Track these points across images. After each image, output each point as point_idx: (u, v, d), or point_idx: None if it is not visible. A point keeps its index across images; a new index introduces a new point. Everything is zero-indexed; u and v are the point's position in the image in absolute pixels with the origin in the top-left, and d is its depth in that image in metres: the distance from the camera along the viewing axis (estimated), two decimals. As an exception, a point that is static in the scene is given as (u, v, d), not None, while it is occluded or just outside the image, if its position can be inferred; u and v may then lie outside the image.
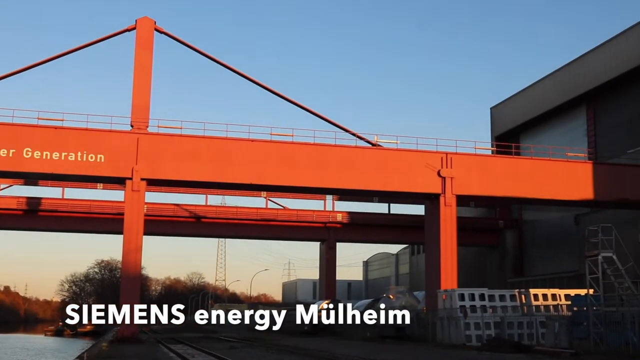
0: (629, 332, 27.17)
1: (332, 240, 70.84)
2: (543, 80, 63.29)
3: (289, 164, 42.65)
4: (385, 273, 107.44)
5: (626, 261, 33.57)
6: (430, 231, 45.70)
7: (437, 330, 40.40)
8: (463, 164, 44.78)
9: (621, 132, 54.39)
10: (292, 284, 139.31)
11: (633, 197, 45.55)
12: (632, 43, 51.88)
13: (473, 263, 71.60)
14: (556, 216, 61.35)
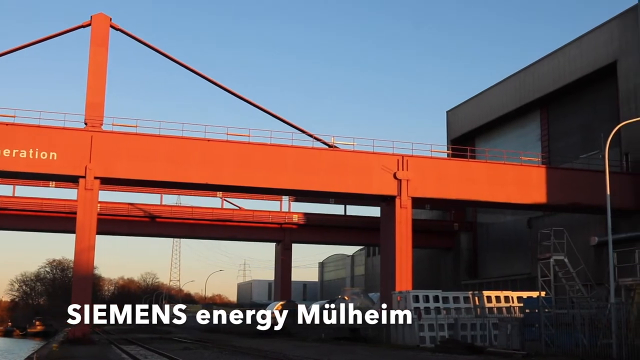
0: (579, 334, 27.58)
1: (288, 241, 70.74)
2: (498, 84, 64.07)
3: (245, 164, 42.45)
4: (340, 274, 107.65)
5: (577, 264, 34.15)
6: (386, 233, 45.90)
7: (392, 332, 40.57)
8: (419, 166, 45.07)
9: (574, 137, 55.32)
10: (247, 285, 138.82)
11: (585, 202, 46.30)
12: (585, 50, 52.80)
13: (428, 265, 72.15)
14: (510, 219, 62.15)
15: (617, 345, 25.62)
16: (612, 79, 50.49)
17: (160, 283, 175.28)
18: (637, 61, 47.38)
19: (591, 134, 52.37)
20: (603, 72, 51.31)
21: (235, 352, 32.92)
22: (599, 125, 51.10)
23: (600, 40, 51.50)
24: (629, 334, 25.82)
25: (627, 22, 48.85)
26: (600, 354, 26.09)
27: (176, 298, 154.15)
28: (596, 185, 41.40)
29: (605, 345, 26.33)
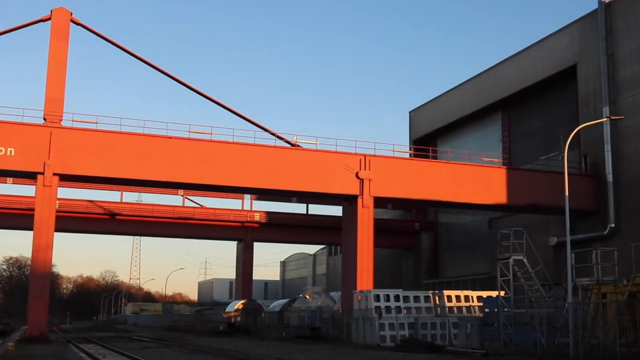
0: (537, 333, 27.86)
1: (250, 239, 70.53)
2: (461, 85, 64.57)
3: (207, 162, 42.16)
4: (302, 273, 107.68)
5: (536, 264, 34.50)
6: (348, 232, 45.95)
7: (352, 331, 40.63)
8: (381, 166, 45.18)
9: (535, 138, 55.97)
10: (208, 284, 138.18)
11: (544, 202, 46.85)
12: (547, 53, 53.44)
13: (389, 264, 72.45)
14: (471, 219, 62.66)
15: (574, 345, 25.94)
16: (572, 81, 51.18)
17: (120, 281, 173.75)
18: (596, 64, 48.07)
19: (551, 136, 53.04)
20: (563, 74, 52.00)
21: (195, 351, 32.69)
22: (559, 127, 51.79)
23: (561, 43, 52.17)
24: (585, 333, 26.15)
25: (587, 26, 49.54)
26: (557, 352, 26.39)
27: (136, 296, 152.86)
28: (555, 187, 41.93)
29: (563, 344, 26.64)
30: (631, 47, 45.88)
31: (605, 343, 25.07)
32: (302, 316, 51.76)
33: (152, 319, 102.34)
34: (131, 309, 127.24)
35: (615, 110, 46.07)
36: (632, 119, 44.82)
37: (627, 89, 45.88)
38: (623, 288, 28.18)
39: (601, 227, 46.58)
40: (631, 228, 42.36)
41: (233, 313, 65.30)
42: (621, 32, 46.83)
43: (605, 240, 44.72)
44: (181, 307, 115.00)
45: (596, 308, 27.07)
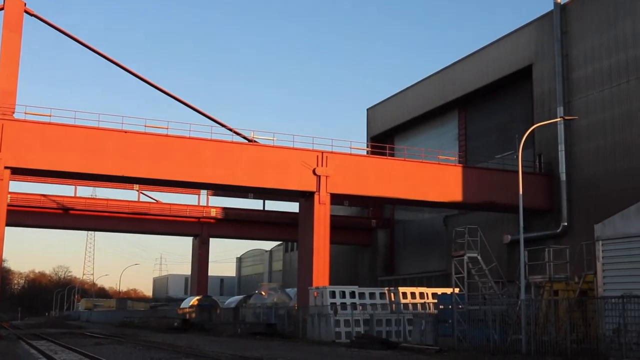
0: (490, 330, 28.16)
1: (206, 235, 70.12)
2: (418, 84, 64.92)
3: (162, 157, 41.69)
4: (258, 269, 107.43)
5: (490, 261, 34.83)
6: (304, 229, 45.91)
7: (308, 327, 40.63)
8: (338, 163, 45.21)
9: (491, 137, 56.56)
10: (164, 279, 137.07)
11: (499, 200, 47.35)
12: (503, 53, 54.01)
13: (345, 261, 72.64)
14: (427, 217, 63.10)
15: (526, 341, 26.29)
16: (527, 81, 51.82)
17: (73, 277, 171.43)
18: (551, 65, 48.72)
19: (507, 135, 53.66)
20: (519, 74, 52.61)
21: (149, 348, 32.31)
22: (515, 127, 52.45)
23: (517, 43, 52.77)
24: (537, 330, 26.52)
25: (543, 27, 50.18)
26: (510, 349, 26.70)
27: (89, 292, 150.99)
28: (510, 185, 42.43)
29: (515, 340, 26.98)
30: (585, 49, 46.60)
31: (556, 339, 25.45)
32: (258, 312, 51.63)
33: (106, 315, 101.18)
34: (84, 305, 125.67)
35: (569, 110, 46.78)
36: (586, 120, 45.55)
37: (581, 90, 46.59)
38: (574, 285, 28.62)
39: (554, 225, 47.28)
40: (583, 226, 43.03)
41: (188, 309, 64.91)
42: (576, 33, 47.54)
43: (558, 238, 45.42)
44: (135, 303, 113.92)
45: (548, 305, 27.44)
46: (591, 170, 45.50)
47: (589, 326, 25.15)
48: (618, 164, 43.53)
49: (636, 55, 42.78)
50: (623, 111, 43.41)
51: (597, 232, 24.96)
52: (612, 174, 43.90)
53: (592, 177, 45.39)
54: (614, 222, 24.48)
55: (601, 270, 24.54)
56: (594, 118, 45.42)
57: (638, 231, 23.35)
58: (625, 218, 24.02)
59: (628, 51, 43.34)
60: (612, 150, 44.01)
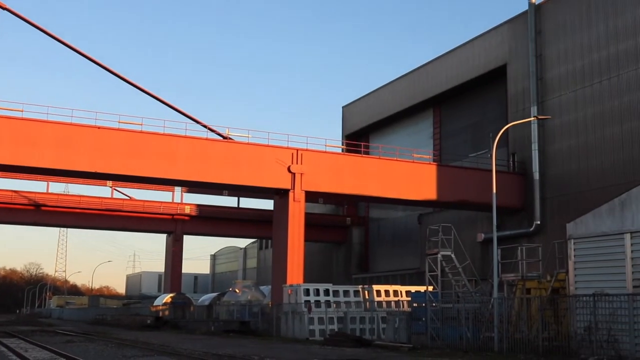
0: (463, 328, 28.30)
1: (180, 232, 69.79)
2: (393, 82, 65.06)
3: (136, 154, 41.35)
4: (232, 267, 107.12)
5: (464, 260, 35.04)
6: (279, 226, 45.83)
7: (282, 325, 40.61)
8: (313, 160, 45.17)
9: (465, 136, 56.85)
10: (137, 277, 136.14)
11: (473, 199, 47.59)
12: (478, 52, 54.28)
13: (320, 259, 72.68)
14: (401, 215, 63.28)
15: (499, 339, 26.46)
16: (502, 81, 52.12)
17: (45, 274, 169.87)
18: (525, 65, 49.03)
19: (481, 134, 53.96)
20: (493, 74, 52.89)
21: (121, 345, 32.08)
22: (489, 126, 52.74)
23: (491, 43, 53.06)
24: (509, 328, 26.70)
25: (517, 27, 50.49)
26: (482, 347, 26.86)
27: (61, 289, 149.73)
28: (484, 184, 42.61)
29: (488, 338, 27.14)
30: (559, 49, 46.96)
31: (528, 337, 25.64)
32: (232, 310, 51.54)
33: (78, 313, 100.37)
34: (56, 302, 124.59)
35: (543, 110, 47.12)
36: (559, 119, 45.92)
37: (554, 90, 46.96)
38: (546, 284, 28.86)
39: (527, 224, 47.62)
40: (555, 225, 43.39)
41: (161, 307, 64.59)
42: (550, 34, 47.89)
43: (531, 236, 45.75)
44: (108, 300, 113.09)
45: (520, 303, 27.64)
46: (564, 169, 45.88)
47: (560, 324, 25.37)
48: (590, 163, 43.94)
49: (609, 56, 43.20)
50: (595, 111, 43.82)
51: (569, 231, 25.16)
52: (584, 173, 44.30)
53: (564, 176, 45.77)
54: (586, 221, 24.68)
55: (573, 268, 24.75)
56: (567, 118, 45.81)
57: (609, 230, 23.57)
58: (597, 217, 24.23)
59: (601, 52, 43.75)
60: (585, 149, 44.41)
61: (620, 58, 42.43)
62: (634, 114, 41.28)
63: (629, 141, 41.41)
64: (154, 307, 66.48)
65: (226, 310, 52.60)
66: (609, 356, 21.99)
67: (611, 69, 43.00)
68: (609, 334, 22.35)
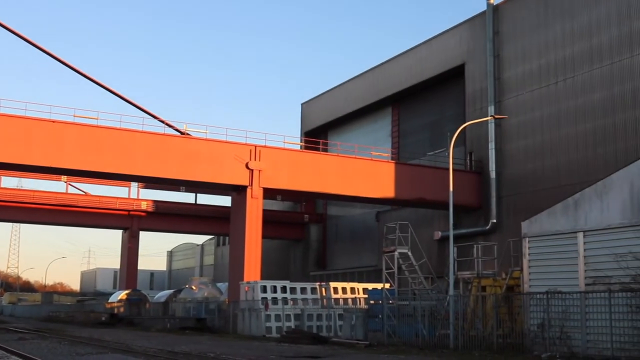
0: (419, 325, 28.48)
1: (136, 228, 69.00)
2: (353, 80, 65.19)
3: (92, 148, 40.73)
4: (189, 264, 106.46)
5: (420, 257, 35.30)
6: (236, 223, 45.62)
7: (239, 322, 40.47)
8: (271, 157, 45.03)
9: (423, 134, 57.18)
10: (92, 273, 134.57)
11: (430, 197, 47.89)
12: (436, 51, 54.64)
13: (277, 256, 72.55)
14: (359, 212, 63.44)
15: (454, 336, 26.67)
16: (460, 80, 52.53)
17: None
18: (483, 65, 49.49)
19: (439, 132, 54.33)
20: (452, 73, 53.28)
21: (74, 343, 31.64)
22: (447, 124, 53.14)
23: (450, 42, 53.45)
24: (465, 325, 26.93)
25: (476, 27, 50.93)
26: (438, 344, 27.07)
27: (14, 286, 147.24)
28: (441, 182, 42.91)
29: (443, 335, 27.36)
30: (516, 50, 47.50)
31: (483, 334, 25.90)
32: (188, 307, 51.19)
33: (31, 310, 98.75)
34: (8, 299, 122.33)
35: (500, 109, 47.63)
36: (515, 119, 46.43)
37: (511, 90, 47.48)
38: (501, 281, 29.22)
39: (484, 222, 48.09)
40: (511, 223, 43.89)
41: (116, 303, 63.89)
42: (507, 34, 48.41)
43: (488, 235, 46.19)
44: (62, 297, 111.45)
45: (476, 301, 27.91)
46: (520, 168, 46.43)
47: (514, 321, 25.68)
48: (545, 163, 44.54)
49: (565, 58, 43.80)
50: (552, 111, 44.41)
51: (524, 229, 25.47)
52: (539, 172, 44.89)
53: (520, 175, 46.32)
54: (541, 219, 25.01)
55: (527, 266, 25.06)
56: (523, 118, 46.35)
57: (563, 228, 23.91)
58: (551, 216, 24.56)
59: (557, 53, 44.35)
60: (540, 149, 45.00)
61: (576, 59, 43.07)
62: (589, 115, 41.94)
63: (584, 142, 42.07)
64: (109, 304, 65.72)
65: (182, 307, 52.20)
66: (561, 353, 22.31)
67: (567, 70, 43.62)
68: (562, 331, 22.69)
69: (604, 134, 40.88)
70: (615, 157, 39.29)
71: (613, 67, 40.74)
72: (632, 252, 21.03)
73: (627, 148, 38.92)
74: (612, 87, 40.69)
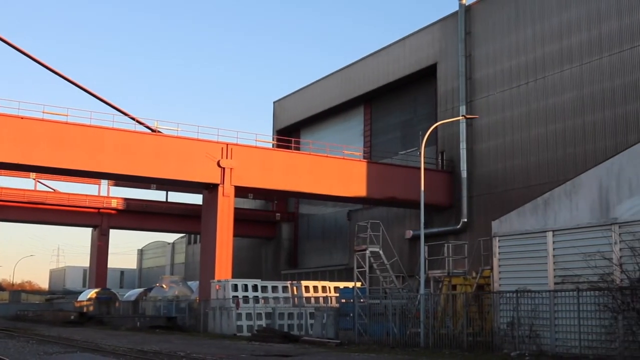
0: (390, 323, 28.55)
1: (106, 226, 68.43)
2: (325, 78, 65.19)
3: (61, 145, 40.29)
4: (160, 262, 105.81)
5: (392, 256, 35.34)
6: (207, 221, 45.43)
7: (209, 321, 40.31)
8: (243, 155, 44.90)
9: (395, 133, 57.37)
10: (61, 272, 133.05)
11: (402, 196, 48.06)
12: (409, 51, 54.81)
13: (249, 254, 72.39)
14: (331, 211, 63.50)
15: (425, 334, 26.78)
16: (432, 80, 52.76)
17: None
18: (455, 65, 49.76)
19: (411, 132, 54.55)
20: (424, 73, 53.51)
21: (42, 342, 31.27)
22: (419, 124, 53.39)
23: (422, 42, 53.65)
24: (435, 324, 27.05)
25: (448, 27, 51.18)
26: (409, 342, 27.14)
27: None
28: (413, 181, 43.10)
29: (414, 333, 27.45)
30: (487, 50, 47.81)
31: (453, 333, 26.03)
32: (159, 306, 50.86)
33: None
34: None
35: (471, 109, 47.93)
36: (486, 119, 46.76)
37: (482, 90, 47.80)
38: (472, 280, 29.38)
39: (454, 221, 48.36)
40: (482, 223, 44.20)
41: (85, 302, 63.30)
42: (479, 35, 48.71)
43: (459, 234, 46.48)
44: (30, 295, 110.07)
45: (446, 299, 28.04)
46: (490, 168, 46.76)
47: (485, 320, 25.83)
48: (516, 163, 44.90)
49: (535, 59, 44.18)
50: (522, 112, 44.78)
51: (494, 229, 25.62)
52: (510, 172, 45.25)
53: (491, 175, 46.65)
54: (510, 219, 25.18)
55: (497, 265, 25.22)
56: (494, 118, 46.69)
57: (533, 228, 24.09)
58: (521, 215, 24.74)
59: (528, 54, 44.72)
60: (511, 149, 45.35)
61: (546, 60, 43.47)
62: (559, 115, 42.35)
63: (553, 142, 42.47)
64: (78, 302, 65.06)
65: (153, 306, 51.85)
66: (530, 351, 22.49)
67: (537, 71, 44.00)
68: (531, 329, 22.87)
69: (574, 134, 41.32)
70: (584, 157, 39.75)
71: (583, 69, 41.19)
72: (601, 251, 21.25)
73: (596, 148, 39.39)
74: (582, 88, 41.14)
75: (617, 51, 39.37)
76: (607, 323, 20.68)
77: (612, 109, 39.33)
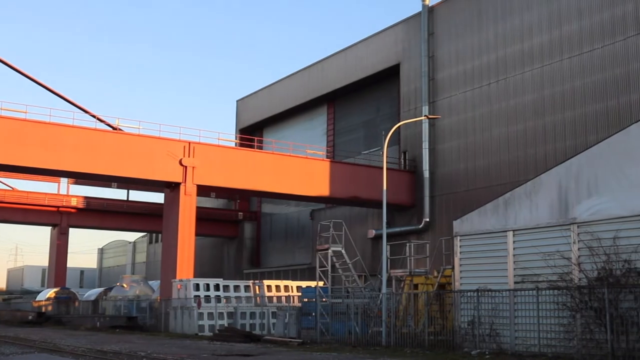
0: (352, 322, 28.59)
1: (65, 225, 67.54)
2: (288, 77, 65.11)
3: (20, 142, 39.61)
4: (121, 261, 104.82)
5: (354, 255, 35.39)
6: (169, 220, 45.07)
7: (170, 320, 40.01)
8: (206, 154, 44.63)
9: (358, 133, 57.51)
10: (19, 271, 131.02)
11: (364, 196, 48.19)
12: (372, 50, 54.97)
13: (211, 253, 72.01)
14: (293, 210, 63.45)
15: (386, 333, 26.85)
16: (395, 80, 52.98)
17: None
18: (418, 65, 50.00)
19: (374, 131, 54.72)
20: (387, 72, 53.70)
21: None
22: (382, 124, 53.57)
23: (386, 42, 53.84)
24: (397, 323, 27.15)
25: (411, 28, 51.42)
26: (370, 341, 27.20)
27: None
28: (375, 181, 43.24)
29: (376, 332, 27.52)
30: (450, 51, 48.14)
31: (415, 331, 26.14)
32: (119, 305, 50.34)
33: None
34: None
35: (434, 110, 48.21)
36: (448, 119, 47.08)
37: (445, 90, 48.12)
38: (433, 279, 29.53)
39: (417, 221, 48.62)
40: (443, 222, 44.53)
41: (44, 302, 62.43)
42: (441, 36, 49.02)
43: (421, 233, 46.75)
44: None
45: (408, 298, 28.15)
46: (452, 168, 47.10)
47: (446, 319, 25.98)
48: (477, 163, 45.28)
49: (497, 59, 44.59)
50: (484, 112, 45.17)
51: (455, 228, 25.78)
52: (471, 172, 45.61)
53: (453, 174, 46.99)
54: (472, 218, 25.34)
55: (458, 264, 25.37)
56: (456, 118, 47.02)
57: (493, 227, 24.27)
58: (482, 215, 24.91)
59: (490, 55, 45.12)
60: (472, 149, 45.72)
61: (508, 61, 43.90)
62: (520, 116, 42.79)
63: (514, 142, 42.91)
64: (37, 302, 64.13)
65: (113, 306, 51.29)
66: (490, 349, 22.66)
67: (499, 72, 44.42)
68: (491, 328, 23.06)
69: (534, 135, 41.79)
70: (544, 158, 40.22)
71: (544, 70, 41.68)
72: (560, 250, 21.48)
73: (556, 149, 39.88)
74: (543, 89, 41.63)
75: (577, 53, 39.92)
76: (566, 321, 20.93)
77: (572, 110, 39.86)
